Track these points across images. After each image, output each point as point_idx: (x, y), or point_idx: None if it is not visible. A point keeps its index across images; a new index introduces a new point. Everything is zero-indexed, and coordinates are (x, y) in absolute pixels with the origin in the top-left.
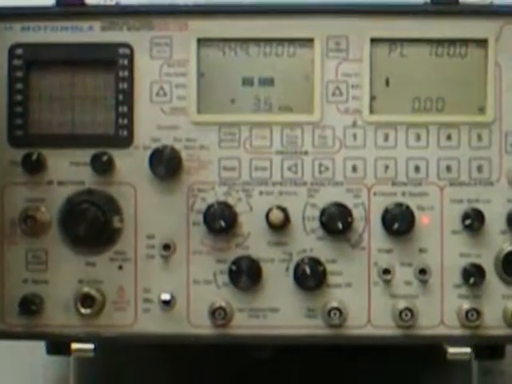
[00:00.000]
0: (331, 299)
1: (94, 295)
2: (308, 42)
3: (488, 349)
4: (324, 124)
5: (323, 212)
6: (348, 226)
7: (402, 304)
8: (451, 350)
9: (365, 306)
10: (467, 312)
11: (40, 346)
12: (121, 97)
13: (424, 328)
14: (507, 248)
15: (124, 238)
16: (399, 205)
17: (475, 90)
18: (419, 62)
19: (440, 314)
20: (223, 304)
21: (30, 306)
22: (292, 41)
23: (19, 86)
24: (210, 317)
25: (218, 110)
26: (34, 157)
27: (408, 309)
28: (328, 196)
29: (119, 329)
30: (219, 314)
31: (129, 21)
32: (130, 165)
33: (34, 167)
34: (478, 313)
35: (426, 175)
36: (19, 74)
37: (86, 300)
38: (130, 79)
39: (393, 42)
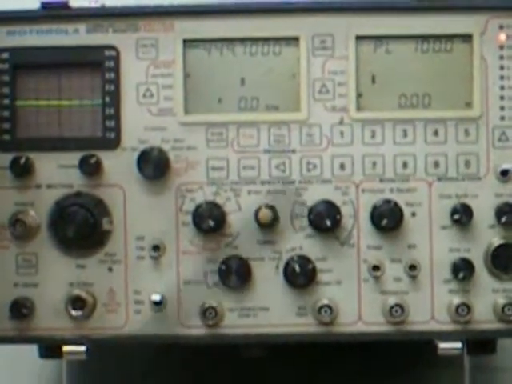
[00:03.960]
0: (321, 297)
1: (84, 298)
2: (294, 40)
3: (479, 344)
4: (311, 122)
5: (311, 210)
6: (336, 223)
7: (392, 300)
8: (442, 345)
9: (355, 302)
10: (457, 307)
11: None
12: (108, 99)
13: (415, 324)
14: (496, 242)
15: (113, 239)
16: (387, 201)
17: (461, 85)
18: (405, 58)
19: (430, 309)
20: (214, 304)
21: (21, 309)
22: (278, 40)
23: (6, 90)
24: (200, 317)
25: (205, 110)
26: (22, 161)
27: (398, 305)
28: (316, 194)
29: (111, 331)
30: (210, 314)
31: (114, 23)
32: (118, 166)
33: (23, 171)
34: (468, 307)
35: (413, 171)
36: (5, 77)
37: (77, 302)
38: (117, 81)
39: (378, 39)
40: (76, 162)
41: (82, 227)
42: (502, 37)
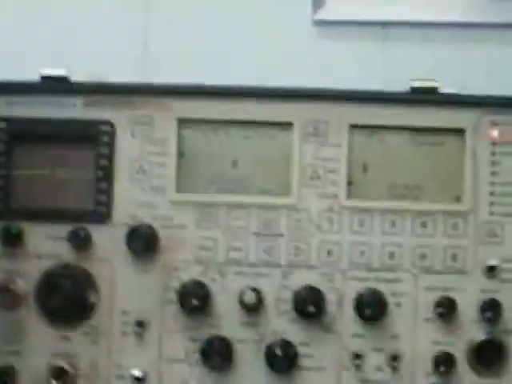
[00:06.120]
0: (303, 382)
1: (67, 369)
2: (288, 125)
3: None
4: (301, 207)
5: (296, 295)
6: (320, 309)
7: None
8: None
9: None
10: None
11: None
12: (101, 173)
13: None
14: (479, 338)
15: (99, 313)
16: (372, 290)
17: (452, 179)
18: (398, 149)
19: None
20: (195, 383)
21: (3, 377)
22: (272, 124)
23: (2, 159)
24: None
25: (197, 189)
26: (14, 229)
27: None
28: (302, 279)
29: None
30: None
31: (111, 98)
32: (108, 241)
33: (13, 240)
34: None
35: (400, 262)
36: (2, 147)
37: (59, 374)
38: (111, 156)
39: (372, 128)
40: (65, 233)
41: (68, 299)
42: (495, 133)
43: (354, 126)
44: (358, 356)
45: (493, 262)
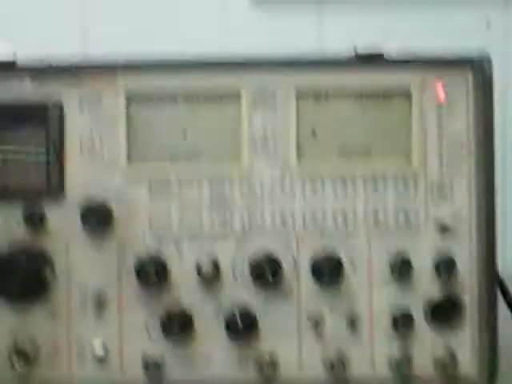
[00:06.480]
0: (262, 348)
1: (27, 348)
2: (235, 95)
3: None
4: (252, 176)
5: (253, 263)
6: (278, 276)
7: (332, 353)
8: None
9: (296, 354)
10: (397, 360)
11: None
12: (52, 152)
13: (355, 376)
14: (435, 296)
15: (56, 290)
16: (328, 255)
17: (401, 140)
18: (345, 113)
19: (371, 362)
20: (156, 355)
21: None
22: (220, 96)
23: None
24: (143, 367)
25: (148, 163)
26: None
27: (339, 357)
28: (257, 247)
29: (54, 382)
30: (152, 365)
31: (59, 77)
32: (62, 219)
33: None
34: (408, 361)
35: (353, 225)
36: None
37: (20, 354)
38: (61, 135)
39: (318, 94)
40: (19, 213)
41: (24, 278)
42: (441, 94)
43: (300, 93)
44: (316, 320)
45: (445, 221)
